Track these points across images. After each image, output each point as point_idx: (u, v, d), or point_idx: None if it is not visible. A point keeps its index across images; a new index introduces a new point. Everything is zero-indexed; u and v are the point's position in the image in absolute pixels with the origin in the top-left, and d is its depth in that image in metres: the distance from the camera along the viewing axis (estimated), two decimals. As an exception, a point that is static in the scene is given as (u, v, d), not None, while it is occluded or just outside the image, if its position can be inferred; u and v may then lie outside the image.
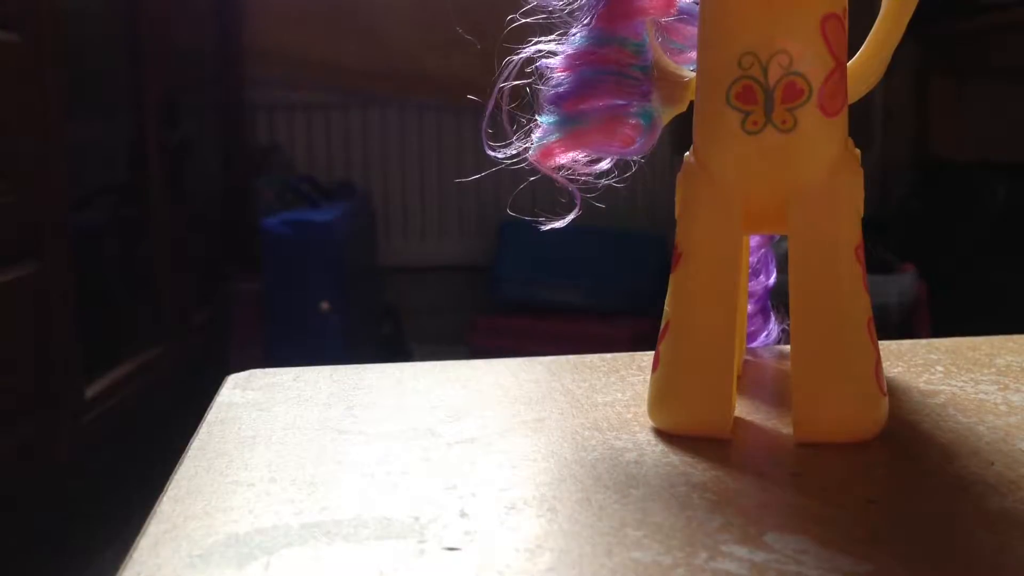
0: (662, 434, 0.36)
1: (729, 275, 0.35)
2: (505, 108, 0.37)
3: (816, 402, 0.34)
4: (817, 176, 0.34)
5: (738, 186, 0.34)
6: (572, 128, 0.36)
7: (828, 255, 0.34)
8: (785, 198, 0.34)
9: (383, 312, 2.46)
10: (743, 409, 0.38)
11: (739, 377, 0.41)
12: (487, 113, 0.37)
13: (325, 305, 2.01)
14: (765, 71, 0.33)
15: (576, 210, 0.38)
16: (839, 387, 0.34)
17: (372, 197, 2.55)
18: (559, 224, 0.39)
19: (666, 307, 0.36)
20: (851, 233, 0.34)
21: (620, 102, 0.36)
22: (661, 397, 0.36)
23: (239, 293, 2.11)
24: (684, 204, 0.36)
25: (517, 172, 0.39)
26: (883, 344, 0.44)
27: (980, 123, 2.37)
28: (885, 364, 0.43)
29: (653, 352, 0.37)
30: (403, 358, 2.25)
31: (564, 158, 0.37)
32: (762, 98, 0.33)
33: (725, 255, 0.35)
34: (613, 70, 0.36)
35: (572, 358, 0.46)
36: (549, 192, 0.37)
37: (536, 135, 0.37)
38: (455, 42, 2.41)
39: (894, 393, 0.40)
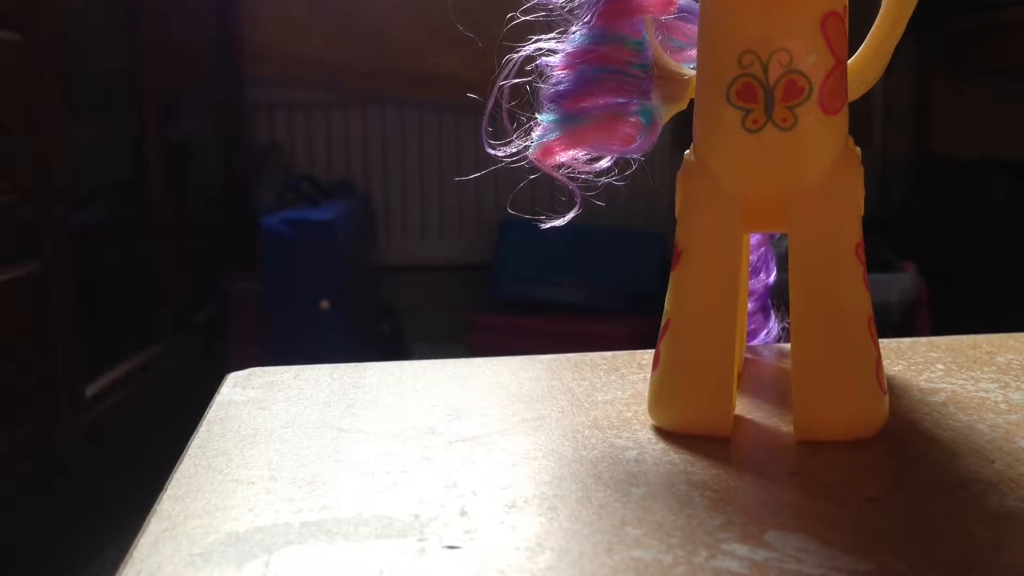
0: (662, 432, 0.36)
1: (729, 273, 0.35)
2: (505, 106, 0.37)
3: (816, 400, 0.34)
4: (817, 174, 0.34)
5: (738, 184, 0.34)
6: (572, 126, 0.36)
7: (828, 253, 0.34)
8: (785, 196, 0.34)
9: (382, 311, 2.46)
10: (743, 407, 0.38)
11: (739, 375, 0.41)
12: (487, 112, 0.37)
13: (324, 304, 2.01)
14: (765, 69, 0.33)
15: (576, 208, 0.38)
16: (839, 385, 0.34)
17: (371, 196, 2.55)
18: (559, 223, 0.39)
19: (666, 305, 0.36)
20: (851, 231, 0.34)
21: (620, 100, 0.36)
22: (661, 395, 0.36)
23: (239, 292, 2.11)
24: (684, 202, 0.36)
25: (517, 171, 0.39)
26: (883, 342, 0.44)
27: (980, 121, 2.37)
28: (885, 362, 0.43)
29: (653, 350, 0.37)
30: (403, 357, 2.25)
31: (564, 156, 0.37)
32: (762, 96, 0.33)
33: (725, 253, 0.35)
34: (613, 68, 0.36)
35: (572, 356, 0.46)
36: (549, 191, 0.38)
37: (536, 133, 0.37)
38: (455, 41, 2.41)
39: (894, 391, 0.40)
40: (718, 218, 0.35)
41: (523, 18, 0.37)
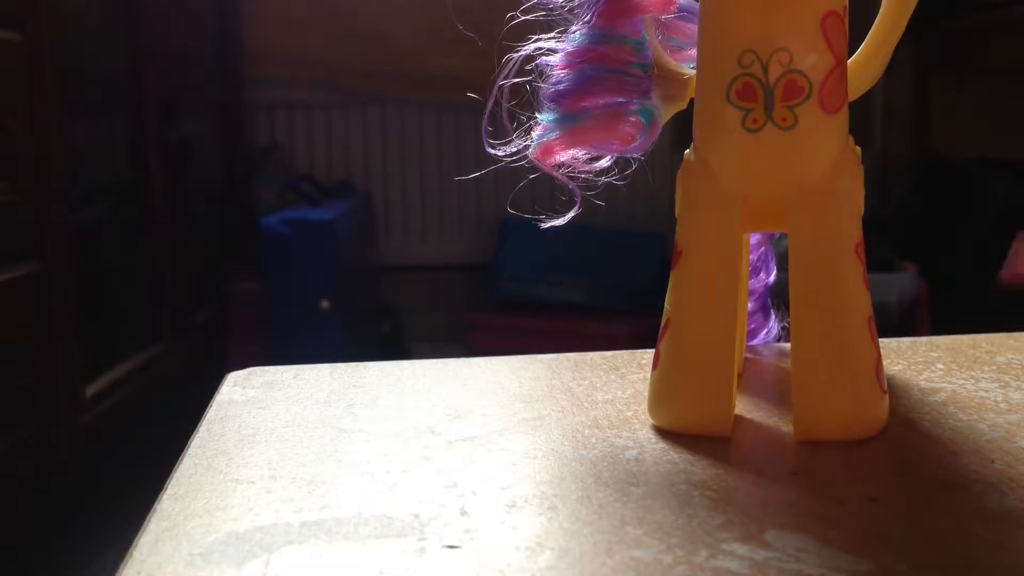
0: (662, 432, 0.36)
1: (729, 273, 0.35)
2: (505, 106, 0.37)
3: (816, 400, 0.34)
4: (817, 174, 0.34)
5: (738, 184, 0.34)
6: (572, 126, 0.36)
7: (828, 253, 0.34)
8: (785, 196, 0.34)
9: (382, 311, 2.46)
10: (744, 407, 0.38)
11: (739, 375, 0.41)
12: (487, 111, 0.37)
13: (324, 304, 2.01)
14: (765, 69, 0.33)
15: (576, 208, 0.38)
16: (839, 385, 0.34)
17: (371, 196, 2.55)
18: (559, 223, 0.39)
19: (666, 305, 0.36)
20: (851, 231, 0.34)
21: (620, 100, 0.36)
22: (661, 395, 0.36)
23: (239, 292, 2.11)
24: (684, 202, 0.36)
25: (517, 171, 0.39)
26: (884, 342, 0.44)
27: (980, 121, 2.37)
28: (886, 362, 0.43)
29: (653, 350, 0.37)
30: (403, 356, 2.25)
31: (564, 156, 0.37)
32: (762, 96, 0.33)
33: (725, 253, 0.35)
34: (613, 68, 0.36)
35: (572, 356, 0.46)
36: (549, 190, 0.38)
37: (536, 133, 0.37)
38: (455, 41, 2.41)
39: (894, 391, 0.40)
40: (718, 218, 0.35)
41: (523, 18, 0.37)
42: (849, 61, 0.36)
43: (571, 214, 0.38)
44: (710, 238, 0.35)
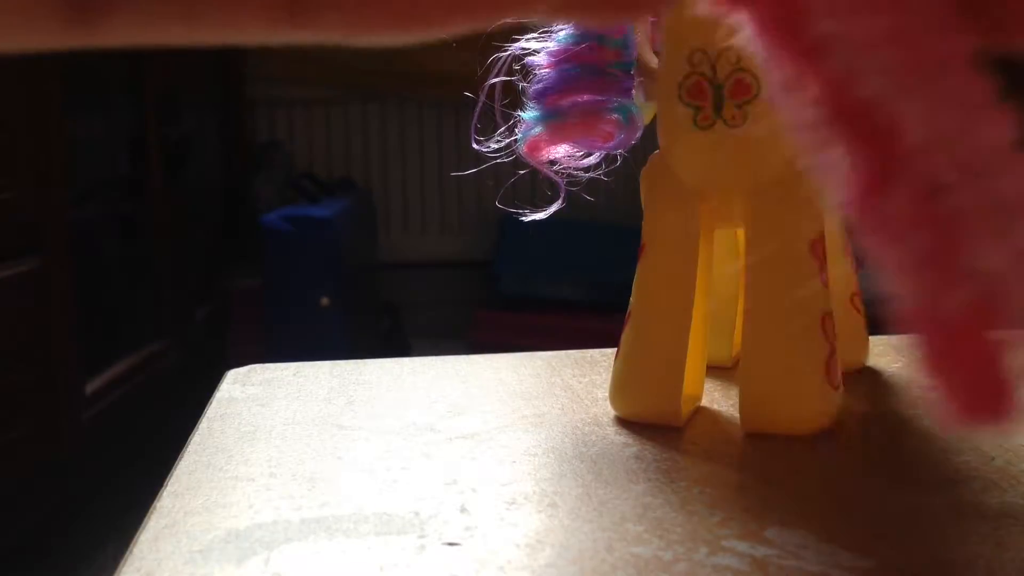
0: (662, 429, 0.36)
1: (687, 267, 0.35)
2: (498, 105, 0.37)
3: (762, 393, 0.34)
4: (772, 172, 0.34)
5: (695, 181, 0.35)
6: (553, 122, 0.37)
7: (780, 250, 0.34)
8: (742, 192, 0.35)
9: (383, 307, 2.46)
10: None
11: (733, 367, 0.41)
12: (476, 109, 0.37)
13: (324, 300, 2.01)
14: (714, 68, 0.33)
15: (559, 203, 0.38)
16: (784, 380, 0.34)
17: (372, 193, 2.55)
18: (540, 215, 0.39)
19: (631, 297, 0.37)
20: (808, 228, 0.34)
21: (599, 98, 0.37)
22: (618, 384, 0.36)
23: (239, 289, 2.11)
24: (647, 197, 0.36)
25: (518, 167, 0.39)
26: (883, 339, 0.44)
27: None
28: (885, 359, 0.43)
29: None
30: (403, 353, 2.25)
31: (554, 152, 0.38)
32: (711, 94, 0.33)
33: (683, 248, 0.35)
34: (593, 67, 0.36)
35: (572, 353, 0.47)
36: (550, 187, 0.38)
37: (521, 129, 0.37)
38: (456, 38, 2.39)
39: (895, 389, 0.40)
40: (677, 214, 0.35)
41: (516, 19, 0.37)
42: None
43: (553, 208, 0.39)
44: (669, 234, 0.36)
